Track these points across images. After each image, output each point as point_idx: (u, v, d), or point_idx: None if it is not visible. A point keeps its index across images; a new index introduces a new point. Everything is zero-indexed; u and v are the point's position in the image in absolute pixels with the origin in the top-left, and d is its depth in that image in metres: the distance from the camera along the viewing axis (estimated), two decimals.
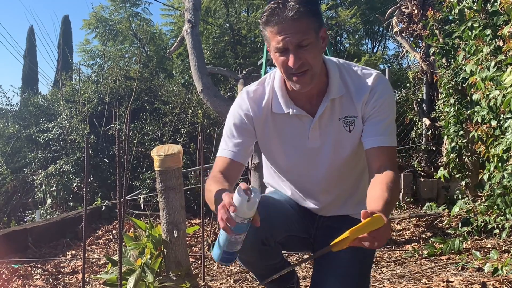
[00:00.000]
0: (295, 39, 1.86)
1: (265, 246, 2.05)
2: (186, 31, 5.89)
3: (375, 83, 2.02)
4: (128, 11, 15.81)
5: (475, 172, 5.37)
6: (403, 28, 7.67)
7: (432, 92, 7.52)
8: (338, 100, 2.04)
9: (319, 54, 1.96)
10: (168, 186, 2.27)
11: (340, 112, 2.05)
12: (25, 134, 9.77)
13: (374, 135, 2.01)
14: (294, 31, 1.86)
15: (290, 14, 1.84)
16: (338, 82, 2.04)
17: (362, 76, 2.05)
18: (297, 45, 1.87)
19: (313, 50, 1.91)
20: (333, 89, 2.03)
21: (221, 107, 5.54)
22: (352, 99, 2.04)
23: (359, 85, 2.04)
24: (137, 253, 2.39)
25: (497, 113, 4.02)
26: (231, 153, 2.10)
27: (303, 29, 1.87)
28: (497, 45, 3.90)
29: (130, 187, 7.80)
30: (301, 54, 1.88)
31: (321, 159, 2.11)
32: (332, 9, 14.69)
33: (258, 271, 2.34)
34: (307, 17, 1.87)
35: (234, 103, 2.19)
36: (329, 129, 2.07)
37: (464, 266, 3.76)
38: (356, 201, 2.23)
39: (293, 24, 1.85)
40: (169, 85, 10.89)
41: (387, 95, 2.04)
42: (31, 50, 23.57)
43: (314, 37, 1.90)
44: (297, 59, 1.88)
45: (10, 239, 5.01)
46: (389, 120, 2.04)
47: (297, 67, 1.89)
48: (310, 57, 1.90)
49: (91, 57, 16.12)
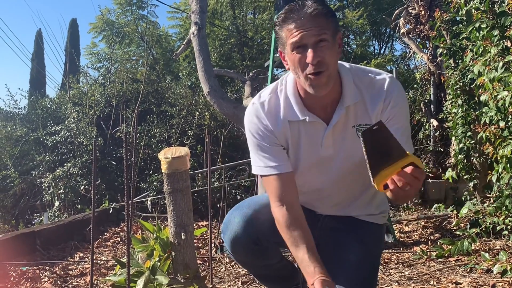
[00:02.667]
0: (314, 32, 1.84)
1: (257, 246, 2.07)
2: (193, 33, 5.90)
3: (389, 89, 1.99)
4: (135, 14, 15.85)
5: (483, 173, 5.34)
6: (410, 29, 7.66)
7: (439, 93, 7.51)
8: (353, 108, 2.01)
9: (336, 56, 1.93)
10: (176, 189, 2.27)
11: (354, 120, 2.02)
12: (32, 137, 9.80)
13: None
14: (313, 25, 1.85)
15: (309, 10, 1.85)
16: (353, 88, 2.00)
17: (375, 82, 2.02)
18: (315, 40, 1.85)
19: (331, 50, 1.89)
20: (347, 96, 1.99)
21: (228, 109, 5.54)
22: (366, 107, 2.01)
23: (373, 91, 2.00)
24: (145, 255, 2.39)
25: (505, 114, 4.00)
26: (276, 169, 2.04)
27: (322, 24, 1.86)
28: (505, 46, 3.89)
29: (138, 190, 7.82)
30: (319, 51, 1.85)
31: (333, 166, 2.09)
32: (339, 10, 14.66)
33: (256, 271, 2.34)
34: (326, 16, 1.88)
35: (250, 119, 2.11)
36: (343, 137, 2.04)
37: (472, 267, 3.74)
38: (362, 204, 2.21)
39: (312, 19, 1.85)
40: (176, 87, 10.89)
41: (402, 102, 2.01)
42: (39, 53, 23.69)
43: (331, 37, 1.89)
44: (316, 55, 1.84)
45: (18, 242, 5.02)
46: (405, 127, 2.04)
47: (315, 64, 1.85)
48: (328, 56, 1.87)
49: (98, 60, 16.15)
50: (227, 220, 2.11)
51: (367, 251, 2.08)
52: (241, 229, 2.03)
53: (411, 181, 1.62)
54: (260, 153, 2.08)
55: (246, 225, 2.02)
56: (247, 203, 2.13)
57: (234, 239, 2.06)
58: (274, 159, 2.05)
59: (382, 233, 2.31)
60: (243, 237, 2.03)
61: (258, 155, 2.08)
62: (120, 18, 16.10)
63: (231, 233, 2.06)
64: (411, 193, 1.69)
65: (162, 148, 2.60)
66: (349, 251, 2.09)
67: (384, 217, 2.27)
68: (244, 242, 2.05)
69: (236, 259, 2.21)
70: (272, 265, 2.23)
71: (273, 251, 2.18)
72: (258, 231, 2.04)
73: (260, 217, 2.04)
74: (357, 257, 2.06)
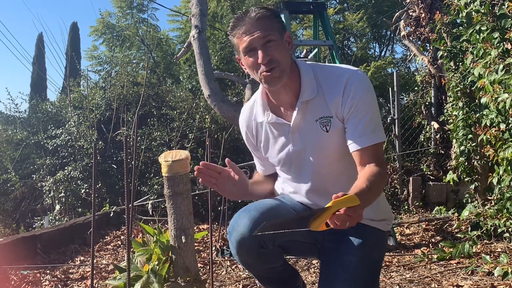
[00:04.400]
0: (260, 34, 1.97)
1: (263, 249, 2.07)
2: (193, 36, 5.90)
3: (347, 82, 2.03)
4: (135, 17, 15.84)
5: (484, 175, 5.34)
6: (410, 31, 7.66)
7: (440, 96, 7.51)
8: (312, 102, 2.08)
9: (286, 53, 2.04)
10: (176, 192, 2.26)
11: (315, 114, 2.08)
12: (33, 141, 9.80)
13: (356, 137, 2.02)
14: (258, 28, 1.98)
15: (253, 15, 2.00)
16: (312, 83, 2.08)
17: (335, 75, 2.08)
18: (263, 42, 1.98)
19: (280, 48, 2.01)
20: (305, 91, 2.07)
21: (228, 112, 5.55)
22: (325, 99, 2.07)
23: (332, 84, 2.06)
24: (145, 259, 2.38)
25: (506, 116, 4.00)
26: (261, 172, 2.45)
27: (267, 26, 2.00)
28: (505, 48, 3.89)
29: (138, 193, 7.81)
30: (268, 50, 1.98)
31: (307, 160, 2.16)
32: (339, 13, 14.68)
33: (258, 273, 2.35)
34: (270, 18, 2.02)
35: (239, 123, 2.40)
36: (308, 131, 2.11)
37: (474, 270, 3.74)
38: None
39: (257, 22, 1.99)
40: (177, 90, 10.89)
41: (362, 92, 2.03)
42: (40, 57, 23.70)
43: (279, 36, 2.02)
44: (265, 54, 1.97)
45: (19, 246, 5.02)
46: (369, 117, 2.03)
47: (266, 63, 1.97)
48: (277, 53, 1.99)
49: (98, 63, 16.16)
50: (234, 222, 2.12)
51: (368, 254, 2.07)
52: (248, 231, 2.03)
53: (346, 220, 1.71)
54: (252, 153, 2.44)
55: (253, 227, 2.02)
56: (254, 206, 2.14)
57: (241, 241, 2.05)
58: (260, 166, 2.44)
59: (384, 239, 2.31)
60: (250, 239, 2.03)
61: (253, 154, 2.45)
62: (120, 21, 16.08)
63: (238, 235, 2.06)
64: (354, 224, 1.74)
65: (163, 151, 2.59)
66: (349, 253, 2.10)
67: (388, 224, 2.28)
68: (250, 245, 2.05)
69: (239, 261, 2.21)
70: (275, 268, 2.23)
71: (277, 255, 2.19)
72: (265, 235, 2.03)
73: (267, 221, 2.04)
74: (357, 259, 2.07)
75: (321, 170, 2.16)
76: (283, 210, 2.19)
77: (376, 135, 2.04)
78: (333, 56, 5.76)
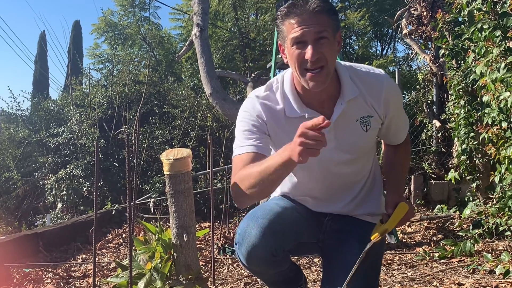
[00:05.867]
0: (315, 29, 1.86)
1: (275, 257, 2.03)
2: (195, 34, 5.91)
3: (386, 85, 2.08)
4: (137, 16, 15.85)
5: (486, 174, 5.34)
6: (412, 30, 7.65)
7: (442, 94, 7.50)
8: (353, 102, 2.04)
9: (335, 53, 1.96)
10: (178, 190, 2.26)
11: (357, 114, 2.07)
12: (35, 139, 9.82)
13: (400, 132, 2.28)
14: (314, 22, 1.87)
15: (312, 7, 1.86)
16: (351, 83, 2.04)
17: (371, 77, 2.08)
18: (316, 37, 1.87)
19: (330, 47, 1.91)
20: (347, 91, 2.03)
21: (230, 110, 5.55)
22: (365, 100, 2.06)
23: (370, 86, 2.06)
24: (147, 257, 2.39)
25: (508, 114, 4.00)
26: (253, 147, 2.02)
27: (324, 22, 1.88)
28: (507, 47, 3.89)
29: (140, 191, 7.82)
30: (319, 47, 1.88)
31: (333, 159, 2.11)
32: (341, 11, 14.64)
33: (267, 277, 2.34)
34: (328, 14, 1.90)
35: (243, 108, 2.13)
36: (346, 131, 2.07)
37: (475, 268, 3.74)
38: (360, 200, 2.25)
39: (314, 16, 1.87)
40: (178, 88, 10.91)
41: (397, 93, 2.17)
42: (42, 56, 23.73)
43: (332, 35, 1.92)
44: (315, 51, 1.87)
45: (21, 243, 5.03)
46: (404, 112, 2.29)
47: (314, 61, 1.87)
48: (327, 52, 1.89)
49: (100, 61, 16.17)
50: (242, 232, 2.04)
51: (369, 252, 2.07)
52: (259, 241, 1.97)
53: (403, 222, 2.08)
54: (245, 135, 2.07)
55: (264, 237, 1.96)
56: (261, 212, 2.07)
57: (252, 251, 1.99)
58: (256, 141, 2.03)
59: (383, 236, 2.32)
60: (262, 249, 1.98)
61: (243, 137, 2.07)
62: (122, 19, 16.10)
63: (249, 246, 1.99)
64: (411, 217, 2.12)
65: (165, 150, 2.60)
66: (350, 252, 2.10)
67: None
68: (262, 255, 2.00)
69: (249, 269, 2.17)
70: (283, 271, 2.22)
71: (285, 259, 2.17)
72: (276, 243, 2.00)
73: (277, 228, 2.01)
74: (359, 257, 2.07)
75: (343, 168, 2.15)
76: (289, 214, 2.17)
77: (407, 122, 2.32)
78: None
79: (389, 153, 2.34)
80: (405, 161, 2.33)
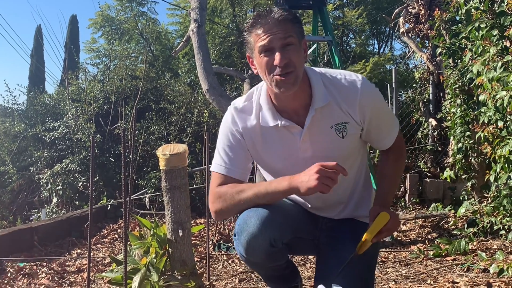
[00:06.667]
0: (281, 35, 1.94)
1: (273, 248, 2.04)
2: (192, 30, 5.89)
3: (363, 89, 2.07)
4: (135, 11, 15.79)
5: (481, 173, 5.35)
6: (409, 28, 7.66)
7: (438, 93, 7.51)
8: (326, 108, 2.06)
9: (302, 59, 2.02)
10: (174, 186, 2.27)
11: (330, 121, 2.08)
12: (31, 133, 9.79)
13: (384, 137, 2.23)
14: (279, 30, 1.94)
15: (276, 16, 1.95)
16: (323, 90, 2.06)
17: (345, 82, 2.09)
18: (282, 43, 1.94)
19: (297, 53, 1.98)
20: (318, 98, 2.05)
21: (226, 106, 5.50)
22: (339, 106, 2.07)
23: (345, 91, 2.08)
24: (142, 252, 2.39)
25: (504, 113, 4.01)
26: (229, 171, 2.14)
27: (289, 29, 1.96)
28: (504, 46, 3.89)
29: (136, 186, 7.82)
30: (286, 53, 1.94)
31: None
32: (339, 9, 14.64)
33: (264, 271, 2.35)
34: (292, 22, 1.98)
35: (224, 122, 2.24)
36: (321, 138, 2.09)
37: (469, 267, 3.75)
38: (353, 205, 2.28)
39: (279, 24, 1.95)
40: (175, 84, 10.89)
41: (375, 96, 2.13)
42: (38, 50, 23.63)
43: (298, 41, 1.99)
44: (283, 57, 1.93)
45: (16, 238, 5.02)
46: (387, 118, 2.22)
47: (283, 66, 1.93)
48: (295, 57, 1.96)
49: (97, 56, 16.11)
50: (242, 222, 2.05)
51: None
52: (258, 230, 1.98)
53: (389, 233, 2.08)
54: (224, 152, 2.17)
55: (264, 226, 1.98)
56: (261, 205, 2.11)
57: (251, 240, 2.01)
58: (231, 162, 2.15)
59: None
60: (261, 238, 1.99)
61: (223, 153, 2.17)
62: (119, 14, 16.03)
63: (248, 235, 2.01)
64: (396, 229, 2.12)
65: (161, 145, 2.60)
66: (345, 250, 2.11)
67: None
68: (261, 244, 2.01)
69: (247, 261, 2.17)
70: (280, 265, 2.23)
71: (283, 252, 2.17)
72: (275, 233, 2.01)
73: (276, 219, 2.02)
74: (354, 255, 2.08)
75: None
76: (288, 208, 2.21)
77: (396, 126, 2.27)
78: (332, 52, 5.77)
79: (382, 162, 2.34)
80: (395, 171, 2.28)
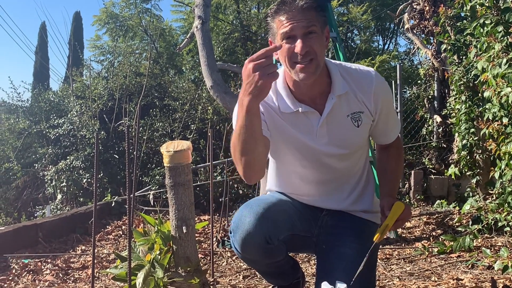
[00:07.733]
0: (304, 24, 1.93)
1: (269, 245, 2.05)
2: (196, 27, 5.89)
3: (376, 81, 2.12)
4: (139, 7, 15.78)
5: (486, 169, 5.34)
6: (414, 24, 7.64)
7: (443, 89, 7.49)
8: (344, 97, 2.09)
9: (324, 48, 2.02)
10: (178, 182, 2.26)
11: (347, 109, 2.11)
12: (35, 130, 9.81)
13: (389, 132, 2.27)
14: (303, 18, 1.94)
15: (300, 3, 1.95)
16: (341, 79, 2.09)
17: (361, 74, 2.13)
18: (304, 32, 1.94)
19: (319, 41, 1.98)
20: (337, 86, 2.08)
21: (230, 103, 5.54)
22: (356, 95, 2.11)
23: (360, 82, 2.11)
24: (147, 248, 2.39)
25: (509, 110, 4.00)
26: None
27: (312, 17, 1.96)
28: (509, 42, 3.88)
29: (140, 183, 7.83)
30: (308, 41, 1.94)
31: (328, 153, 2.15)
32: (344, 5, 14.61)
33: (262, 268, 2.36)
34: (316, 10, 1.97)
35: None
36: (338, 126, 2.11)
37: (474, 264, 3.74)
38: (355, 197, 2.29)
39: (303, 12, 1.94)
40: (179, 81, 10.90)
41: (387, 91, 2.19)
42: (43, 46, 23.68)
43: (320, 30, 1.99)
44: (305, 45, 1.93)
45: (20, 234, 5.04)
46: (393, 111, 2.29)
47: (304, 54, 1.93)
48: (316, 46, 1.96)
49: (101, 53, 16.12)
50: (237, 220, 2.07)
51: (363, 246, 2.08)
52: (253, 228, 2.00)
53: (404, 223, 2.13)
54: None
55: (259, 223, 2.00)
56: (256, 202, 2.12)
57: (247, 238, 2.02)
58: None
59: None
60: (256, 236, 2.01)
61: None
62: (124, 11, 16.02)
63: (243, 232, 2.03)
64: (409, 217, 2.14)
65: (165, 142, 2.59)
66: (346, 246, 2.12)
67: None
68: (256, 241, 2.02)
69: (244, 258, 2.19)
70: (277, 262, 2.23)
71: (280, 248, 2.18)
72: (270, 230, 2.03)
73: (271, 216, 2.04)
74: (355, 251, 2.08)
75: (336, 162, 2.18)
76: (284, 205, 2.21)
77: (398, 123, 2.34)
78: (336, 49, 5.75)
79: (382, 160, 2.35)
80: (397, 168, 2.32)
